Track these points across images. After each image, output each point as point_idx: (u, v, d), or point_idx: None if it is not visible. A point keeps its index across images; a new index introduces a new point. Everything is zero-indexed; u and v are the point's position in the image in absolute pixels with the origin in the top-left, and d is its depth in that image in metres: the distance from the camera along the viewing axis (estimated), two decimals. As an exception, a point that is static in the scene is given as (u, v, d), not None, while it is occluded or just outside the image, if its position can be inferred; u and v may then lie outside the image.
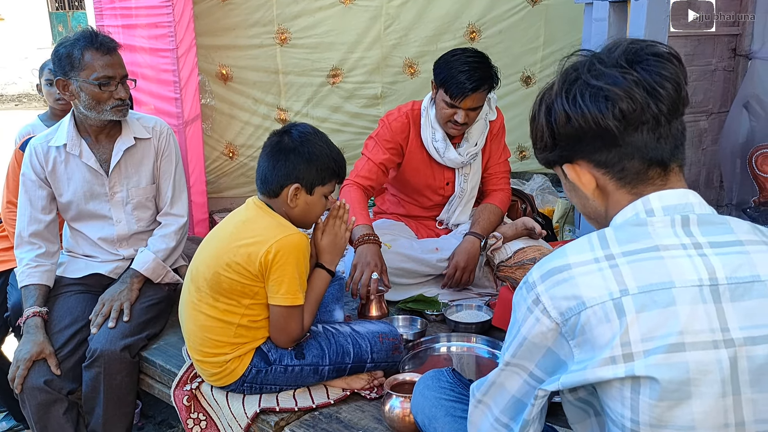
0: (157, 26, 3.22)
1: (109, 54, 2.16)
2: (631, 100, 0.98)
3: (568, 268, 0.99)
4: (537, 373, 1.03)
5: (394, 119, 2.65)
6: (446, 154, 2.62)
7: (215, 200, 4.00)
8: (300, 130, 1.85)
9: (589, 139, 1.03)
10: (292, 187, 1.80)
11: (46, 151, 2.26)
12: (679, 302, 0.92)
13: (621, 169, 1.04)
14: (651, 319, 0.92)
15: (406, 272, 2.56)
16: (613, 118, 1.00)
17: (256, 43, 3.92)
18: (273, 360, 1.83)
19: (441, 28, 4.16)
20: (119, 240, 2.36)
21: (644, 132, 1.01)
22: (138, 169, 2.34)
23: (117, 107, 2.20)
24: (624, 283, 0.94)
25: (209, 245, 1.86)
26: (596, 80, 1.01)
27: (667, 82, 0.99)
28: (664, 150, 1.02)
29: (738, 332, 0.92)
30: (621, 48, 1.03)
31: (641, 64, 1.00)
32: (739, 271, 0.95)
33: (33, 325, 2.10)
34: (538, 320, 1.00)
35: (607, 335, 0.93)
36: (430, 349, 2.15)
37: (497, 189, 2.77)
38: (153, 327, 2.25)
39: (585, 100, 1.01)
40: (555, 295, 0.98)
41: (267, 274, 1.74)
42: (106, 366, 2.05)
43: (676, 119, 1.01)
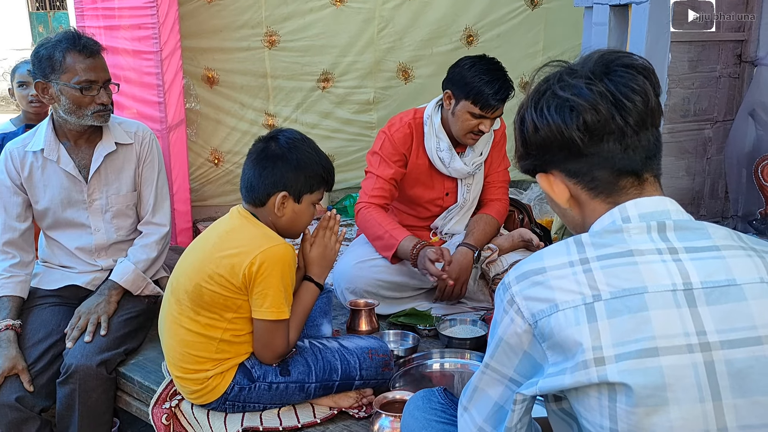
0: (141, 27, 3.22)
1: (92, 57, 2.17)
2: (595, 112, 1.03)
3: (543, 272, 1.03)
4: (516, 378, 1.07)
5: (396, 130, 2.64)
6: (452, 165, 2.63)
7: (199, 209, 4.00)
8: (287, 136, 1.85)
9: (555, 149, 1.09)
10: (279, 196, 1.80)
11: (22, 156, 2.25)
12: (652, 307, 0.95)
13: (591, 179, 1.09)
14: (623, 324, 0.95)
15: (397, 285, 2.56)
16: (576, 129, 1.05)
17: (243, 46, 3.93)
18: (257, 377, 1.82)
19: (437, 31, 4.19)
20: (97, 250, 2.36)
21: (610, 143, 1.05)
22: (118, 176, 2.34)
23: (98, 112, 2.20)
24: (597, 287, 0.98)
25: (191, 256, 1.86)
26: (563, 91, 1.06)
27: (634, 95, 1.03)
28: (633, 160, 1.06)
29: (714, 336, 0.94)
30: (593, 59, 1.08)
31: (610, 75, 1.05)
32: (714, 275, 0.98)
33: (5, 338, 2.09)
34: (513, 321, 1.04)
35: (577, 339, 0.96)
36: (423, 366, 2.15)
37: (495, 199, 2.78)
38: (131, 341, 2.24)
39: (551, 111, 1.07)
40: (529, 296, 1.02)
41: (251, 286, 1.74)
42: (81, 382, 2.04)
43: (645, 130, 1.06)
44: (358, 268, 2.55)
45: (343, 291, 2.55)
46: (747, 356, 0.94)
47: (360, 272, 2.54)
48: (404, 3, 4.09)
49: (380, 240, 2.53)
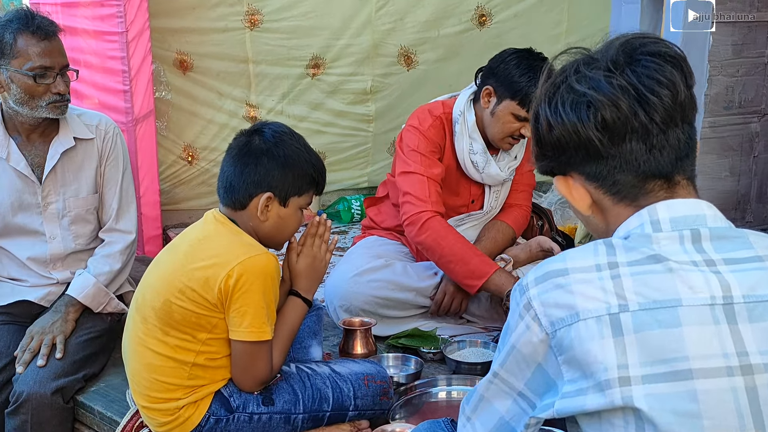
0: (103, 5, 3.23)
1: (48, 39, 2.17)
2: (615, 108, 1.03)
3: (566, 274, 1.03)
4: (527, 393, 1.08)
5: (430, 125, 2.63)
6: (486, 170, 2.63)
7: (170, 213, 4.00)
8: (274, 129, 1.86)
9: (572, 150, 1.09)
10: (263, 197, 1.81)
11: None
12: (686, 323, 0.95)
13: (613, 183, 1.09)
14: (652, 340, 0.95)
15: (398, 303, 2.57)
16: (594, 128, 1.05)
17: (221, 27, 3.94)
18: (235, 407, 1.83)
19: (444, 10, 4.20)
20: (53, 260, 2.36)
21: (632, 142, 1.05)
22: (77, 176, 2.35)
23: (54, 103, 2.21)
24: (624, 296, 0.98)
25: (159, 267, 1.86)
26: (579, 84, 1.07)
27: (661, 88, 1.03)
28: (660, 162, 1.06)
29: (758, 357, 0.94)
30: (615, 45, 1.08)
31: (633, 66, 1.05)
32: (758, 288, 0.98)
33: None
34: (528, 327, 1.04)
35: (598, 355, 0.97)
36: (426, 394, 2.16)
37: (515, 204, 2.79)
38: (91, 366, 2.24)
39: (565, 107, 1.07)
40: (547, 301, 1.03)
41: (228, 302, 1.74)
42: (34, 412, 2.04)
43: (674, 128, 1.06)
44: (354, 282, 2.55)
45: (336, 309, 2.56)
46: None
47: (356, 287, 2.54)
48: (407, -23, 4.11)
49: (464, 264, 2.46)
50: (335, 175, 4.42)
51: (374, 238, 2.84)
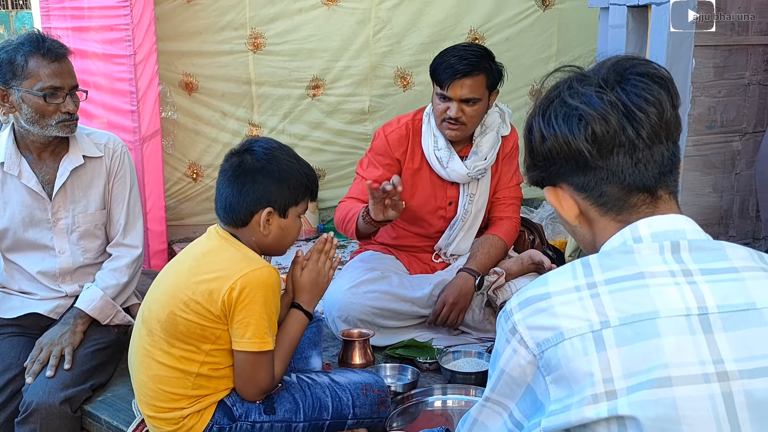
0: (113, 29, 3.25)
1: (57, 61, 2.18)
2: (605, 122, 1.05)
3: (548, 297, 1.04)
4: (516, 415, 1.09)
5: (392, 131, 2.70)
6: (450, 165, 2.65)
7: (175, 228, 4.00)
8: (264, 146, 1.86)
9: (562, 160, 1.11)
10: (264, 213, 1.81)
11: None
12: (664, 333, 0.96)
13: (600, 194, 1.11)
14: (633, 353, 0.96)
15: (395, 314, 2.56)
16: (584, 140, 1.07)
17: (225, 50, 3.96)
18: (238, 416, 1.82)
19: (439, 34, 4.22)
20: (62, 274, 2.35)
21: (620, 156, 1.07)
22: (86, 193, 2.35)
23: (64, 122, 2.21)
24: (605, 314, 0.99)
25: (164, 281, 1.86)
26: (572, 99, 1.09)
27: (648, 106, 1.05)
28: (644, 176, 1.08)
29: (733, 364, 0.95)
30: (607, 65, 1.11)
31: (623, 84, 1.07)
32: (731, 298, 0.99)
33: None
34: (516, 351, 1.05)
35: (585, 370, 0.97)
36: (423, 403, 2.15)
37: (504, 217, 2.79)
38: (99, 376, 2.23)
39: (558, 120, 1.09)
40: (532, 324, 1.03)
41: (231, 314, 1.74)
42: (42, 422, 2.02)
43: (659, 144, 1.07)
44: (352, 293, 2.54)
45: (335, 319, 2.55)
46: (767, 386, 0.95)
47: (354, 298, 2.53)
48: (403, 2, 4.13)
49: (344, 219, 2.59)
50: (334, 191, 4.43)
51: (370, 252, 2.85)
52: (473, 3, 4.20)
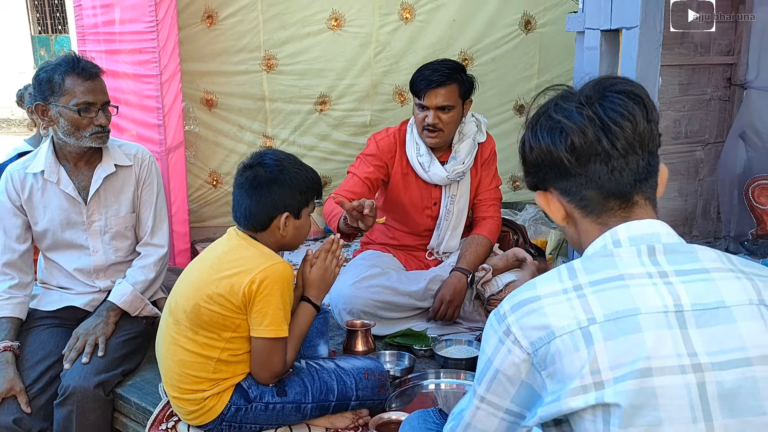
0: (141, 52, 3.25)
1: (91, 80, 2.18)
2: (582, 134, 1.07)
3: (538, 299, 1.04)
4: (513, 408, 1.08)
5: (382, 138, 2.73)
6: (431, 169, 2.66)
7: (197, 229, 4.00)
8: (273, 159, 1.87)
9: (547, 167, 1.13)
10: (282, 218, 1.83)
11: (22, 178, 2.27)
12: (645, 328, 0.97)
13: (581, 198, 1.12)
14: (618, 346, 0.97)
15: (394, 306, 2.56)
16: (564, 150, 1.08)
17: (242, 69, 3.96)
18: (253, 397, 1.82)
19: (432, 55, 4.20)
20: (96, 271, 2.36)
21: (596, 164, 1.08)
22: (118, 198, 2.35)
23: (96, 134, 2.21)
24: (591, 311, 0.99)
25: (189, 277, 1.86)
26: (555, 114, 1.10)
27: (623, 120, 1.06)
28: (620, 182, 1.08)
29: (705, 357, 0.96)
30: (590, 84, 1.12)
31: (602, 101, 1.08)
32: (703, 297, 0.99)
33: (3, 360, 2.08)
34: (510, 351, 1.04)
35: (576, 364, 0.98)
36: (418, 386, 2.15)
37: (487, 216, 2.80)
38: (129, 363, 2.23)
39: (543, 132, 1.12)
40: (525, 325, 1.03)
41: (250, 305, 1.74)
42: (79, 404, 2.03)
43: (634, 154, 1.08)
44: (355, 288, 2.55)
45: (340, 311, 2.55)
46: (737, 377, 0.95)
47: (357, 292, 2.54)
48: (400, 27, 4.13)
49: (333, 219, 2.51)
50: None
51: (371, 251, 2.85)
52: (463, 27, 4.20)
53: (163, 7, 3.24)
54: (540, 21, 4.23)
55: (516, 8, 4.19)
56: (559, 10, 4.08)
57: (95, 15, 3.30)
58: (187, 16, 3.71)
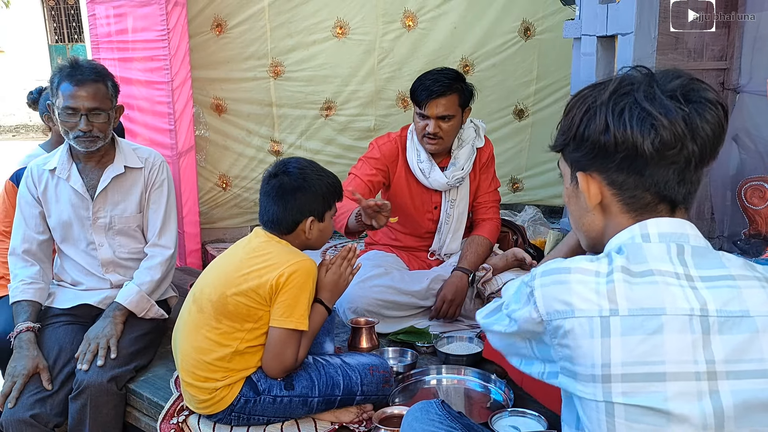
0: (153, 59, 3.27)
1: (79, 85, 2.17)
2: (674, 133, 0.98)
3: (569, 272, 1.00)
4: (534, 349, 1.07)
5: (384, 143, 2.72)
6: (431, 175, 2.66)
7: (208, 231, 4.00)
8: (296, 167, 1.91)
9: (617, 157, 1.03)
10: (308, 222, 1.88)
11: (40, 173, 2.32)
12: (667, 330, 0.93)
13: (632, 196, 1.05)
14: (636, 344, 0.93)
15: (397, 305, 2.56)
16: (651, 145, 0.99)
17: (250, 76, 3.97)
18: (262, 390, 1.83)
19: (434, 61, 4.21)
20: (103, 264, 2.37)
21: (671, 170, 1.01)
22: (125, 197, 2.36)
23: (80, 137, 2.21)
24: (616, 301, 0.95)
25: (218, 269, 1.90)
26: (649, 103, 1.00)
27: (709, 126, 0.99)
28: (680, 193, 1.03)
29: (722, 365, 0.92)
30: (679, 81, 1.02)
31: (694, 104, 1.00)
32: (729, 305, 0.95)
33: (26, 340, 2.11)
34: (530, 312, 1.02)
35: (588, 350, 0.95)
36: (420, 381, 2.15)
37: (486, 218, 2.80)
38: (141, 358, 2.24)
39: (632, 119, 1.00)
40: (548, 294, 1.00)
41: (276, 296, 1.78)
42: (92, 398, 2.03)
43: (702, 166, 1.02)
44: (360, 287, 2.55)
45: (345, 310, 2.55)
46: (753, 388, 0.92)
47: (361, 292, 2.53)
48: (403, 35, 4.13)
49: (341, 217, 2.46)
50: (345, 198, 4.43)
51: (374, 251, 2.85)
52: (464, 35, 4.20)
53: (174, 17, 3.26)
54: (539, 28, 4.22)
55: (515, 16, 4.19)
56: (558, 17, 4.07)
57: (109, 24, 3.32)
58: (197, 25, 3.72)
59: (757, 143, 3.07)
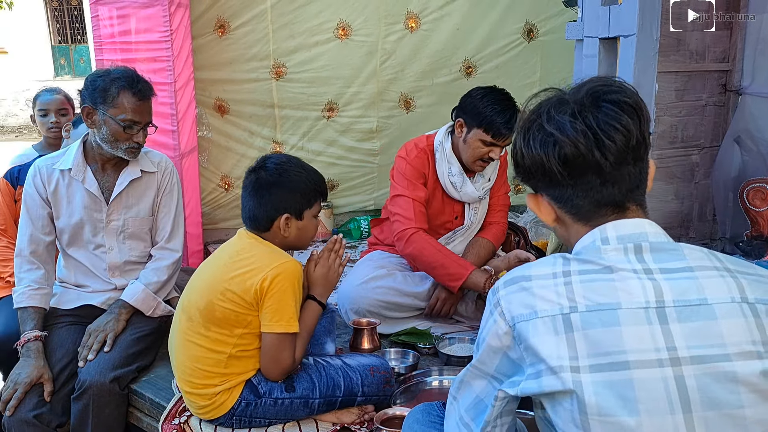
0: (156, 60, 3.27)
1: (143, 101, 2.23)
2: (575, 147, 1.05)
3: (529, 279, 1.07)
4: (496, 375, 1.10)
5: (415, 156, 2.64)
6: (463, 189, 2.64)
7: (210, 231, 4.01)
8: (274, 162, 1.88)
9: (539, 176, 1.13)
10: (282, 218, 1.83)
11: (50, 173, 2.30)
12: (624, 323, 0.98)
13: (572, 206, 1.12)
14: (596, 336, 0.98)
15: (399, 307, 2.56)
16: (557, 162, 1.07)
17: (252, 77, 3.98)
18: (263, 392, 1.82)
19: (437, 63, 4.23)
20: (111, 268, 2.37)
21: (588, 175, 1.07)
22: (139, 201, 2.38)
23: (131, 149, 2.26)
24: (574, 299, 1.01)
25: (203, 275, 1.87)
26: (548, 125, 1.08)
27: (616, 133, 1.04)
28: (612, 192, 1.08)
29: (685, 351, 0.96)
30: (584, 90, 1.09)
31: (597, 111, 1.05)
32: (686, 294, 0.99)
33: (34, 349, 2.11)
34: (496, 322, 1.07)
35: (553, 346, 1.00)
36: (422, 383, 2.15)
37: (494, 222, 2.79)
38: (143, 359, 2.24)
39: (535, 142, 1.10)
40: (512, 300, 1.06)
41: (262, 301, 1.75)
42: (94, 398, 2.04)
43: (626, 165, 1.07)
44: (362, 288, 2.55)
45: (347, 311, 2.55)
46: (716, 371, 0.95)
47: (363, 293, 2.54)
48: (405, 36, 4.14)
49: (444, 269, 2.46)
50: (347, 199, 4.44)
51: (378, 252, 2.84)
52: (467, 36, 4.20)
53: (177, 18, 3.26)
54: (542, 30, 4.23)
55: (518, 17, 4.19)
56: (560, 19, 4.08)
57: (112, 25, 3.32)
58: (199, 26, 3.74)
59: (760, 145, 3.07)
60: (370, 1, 4.02)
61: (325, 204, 4.33)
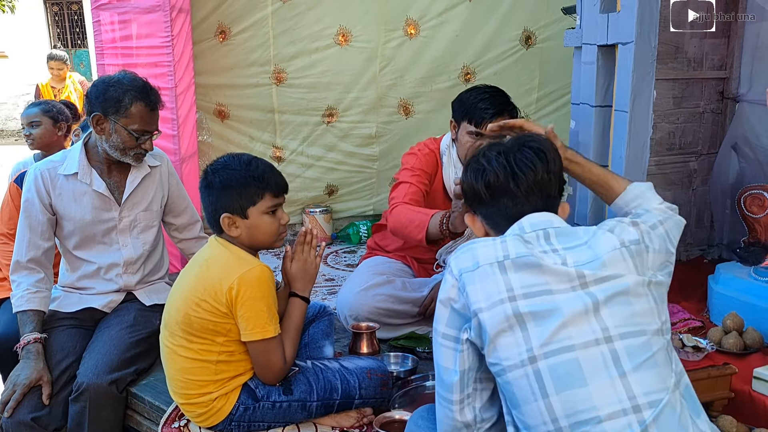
0: (157, 65, 3.29)
1: (153, 110, 2.27)
2: (496, 176, 1.42)
3: (474, 244, 1.38)
4: (449, 332, 1.35)
5: (425, 154, 2.64)
6: None
7: (210, 235, 4.01)
8: (213, 165, 1.87)
9: (472, 198, 1.49)
10: (223, 219, 1.82)
11: (53, 178, 2.29)
12: (546, 270, 1.30)
13: (494, 223, 1.47)
14: (525, 276, 1.30)
15: (398, 314, 2.56)
16: (482, 186, 1.44)
17: (253, 83, 4.00)
18: (260, 396, 1.83)
19: (436, 69, 4.25)
20: (126, 264, 2.38)
21: (505, 199, 1.43)
22: (147, 195, 2.41)
23: (138, 155, 2.30)
24: (508, 252, 1.33)
25: (178, 288, 1.87)
26: (482, 159, 1.47)
27: (528, 170, 1.41)
28: (521, 213, 1.42)
29: (591, 277, 1.30)
30: (515, 138, 1.51)
31: (517, 153, 1.43)
32: (582, 256, 1.34)
33: (34, 351, 2.11)
34: (446, 280, 1.37)
35: (493, 285, 1.30)
36: (421, 386, 2.14)
37: None
38: (142, 362, 2.24)
39: (470, 171, 1.48)
40: (459, 259, 1.36)
41: (234, 311, 1.76)
42: (92, 400, 2.04)
43: (534, 195, 1.42)
44: (361, 296, 2.54)
45: (346, 317, 2.55)
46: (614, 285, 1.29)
47: (362, 300, 2.53)
48: (405, 42, 4.16)
49: (412, 223, 2.38)
50: (346, 204, 4.45)
51: (378, 258, 2.84)
52: (465, 43, 4.23)
53: (179, 23, 3.28)
54: (540, 36, 4.25)
55: (517, 24, 4.21)
56: (559, 26, 4.10)
57: (113, 30, 3.34)
58: (201, 32, 3.75)
59: (757, 152, 3.08)
60: (370, 8, 4.05)
61: (324, 208, 4.34)
